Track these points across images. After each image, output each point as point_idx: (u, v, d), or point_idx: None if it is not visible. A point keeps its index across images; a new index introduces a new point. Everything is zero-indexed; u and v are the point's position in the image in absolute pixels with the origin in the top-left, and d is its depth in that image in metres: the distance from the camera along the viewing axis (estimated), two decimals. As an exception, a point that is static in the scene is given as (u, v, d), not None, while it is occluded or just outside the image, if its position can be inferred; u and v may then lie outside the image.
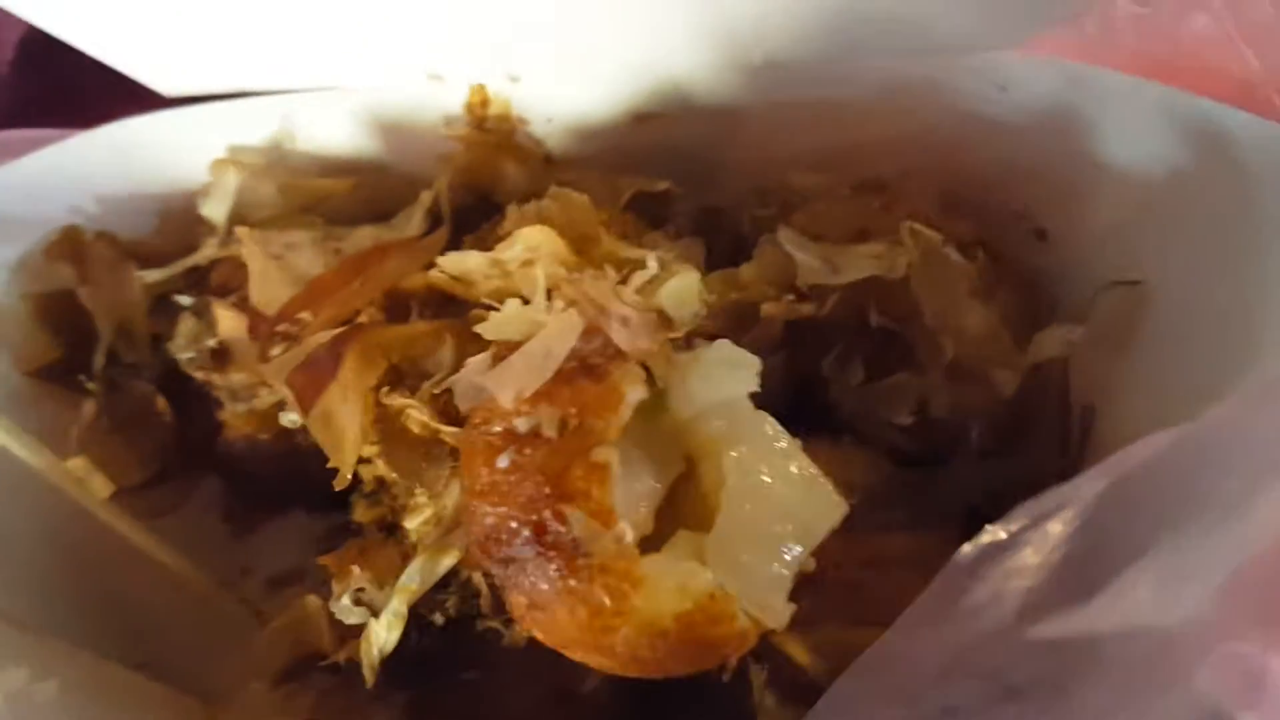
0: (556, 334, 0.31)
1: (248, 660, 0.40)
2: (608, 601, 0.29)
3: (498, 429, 0.31)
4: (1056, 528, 0.27)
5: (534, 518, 0.29)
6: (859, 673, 0.29)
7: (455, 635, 0.38)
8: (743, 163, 0.47)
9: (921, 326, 0.39)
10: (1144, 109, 0.40)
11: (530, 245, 0.37)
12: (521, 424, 0.30)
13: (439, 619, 0.38)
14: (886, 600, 0.35)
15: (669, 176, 0.47)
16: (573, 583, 0.29)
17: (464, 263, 0.38)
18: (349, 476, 0.38)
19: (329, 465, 0.38)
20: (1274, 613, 0.24)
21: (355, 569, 0.37)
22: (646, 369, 0.32)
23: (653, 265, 0.34)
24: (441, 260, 0.38)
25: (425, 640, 0.38)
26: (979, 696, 0.27)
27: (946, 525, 0.39)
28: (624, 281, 0.34)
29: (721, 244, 0.47)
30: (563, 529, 0.29)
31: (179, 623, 0.45)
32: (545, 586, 0.30)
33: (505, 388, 0.31)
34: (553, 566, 0.29)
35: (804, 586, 0.33)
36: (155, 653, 0.45)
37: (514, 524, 0.30)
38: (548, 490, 0.29)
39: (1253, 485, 0.25)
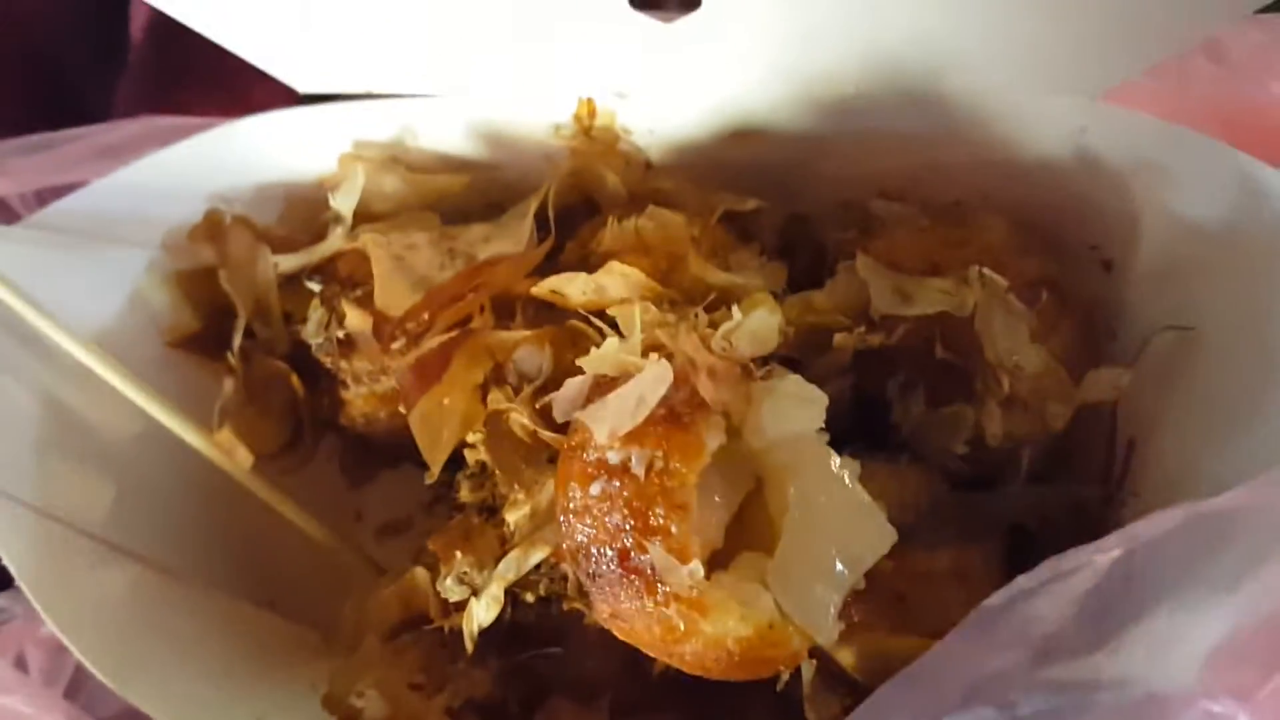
0: (650, 383, 0.35)
1: (364, 616, 0.46)
2: (680, 624, 0.34)
3: (592, 457, 0.35)
4: (1075, 584, 0.31)
5: (619, 544, 0.34)
6: (895, 689, 0.33)
7: (544, 611, 0.44)
8: (830, 180, 0.50)
9: (982, 361, 0.42)
10: (1209, 166, 0.42)
11: (624, 278, 0.41)
12: (613, 456, 0.35)
13: (530, 597, 0.43)
14: (929, 610, 0.40)
15: (759, 189, 0.50)
16: (649, 604, 0.34)
17: (567, 285, 0.43)
18: (437, 473, 0.44)
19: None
20: (1245, 683, 0.27)
21: (458, 554, 0.42)
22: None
23: (737, 315, 0.38)
24: (548, 281, 0.43)
25: (518, 614, 0.44)
26: (993, 722, 0.31)
27: (991, 542, 0.43)
28: (713, 325, 0.38)
29: (805, 253, 0.51)
30: (644, 558, 0.34)
31: (302, 569, 0.51)
32: (626, 603, 0.34)
33: (601, 425, 0.35)
34: (633, 588, 0.34)
35: (854, 597, 0.37)
36: (281, 594, 0.52)
37: (602, 546, 0.34)
38: (633, 523, 0.34)
39: (1243, 568, 0.29)
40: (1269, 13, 0.42)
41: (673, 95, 0.49)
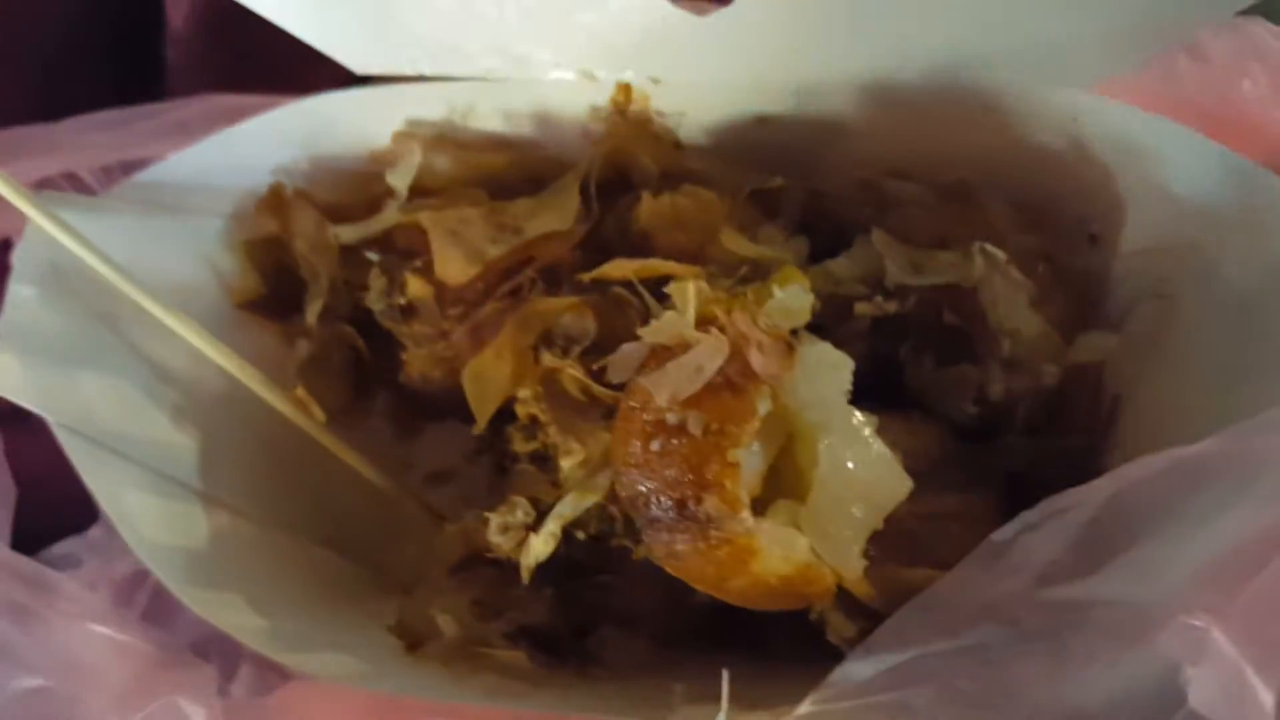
0: (707, 354, 0.39)
1: (429, 554, 0.51)
2: (730, 564, 0.39)
3: (651, 417, 0.40)
4: (1072, 519, 0.37)
5: (677, 495, 0.39)
6: (913, 610, 0.38)
7: (594, 547, 0.49)
8: (847, 161, 0.55)
9: (985, 327, 0.47)
10: (1189, 154, 0.47)
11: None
12: (671, 418, 0.39)
13: (582, 535, 0.48)
14: (937, 546, 0.45)
15: (781, 168, 0.55)
16: (703, 546, 0.39)
17: (617, 269, 0.48)
18: (484, 425, 0.50)
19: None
20: (1218, 601, 0.33)
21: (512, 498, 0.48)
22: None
23: (778, 294, 0.42)
24: (597, 270, 0.48)
25: (570, 549, 0.49)
26: (1001, 637, 0.36)
27: (992, 488, 0.48)
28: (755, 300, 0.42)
29: (824, 229, 0.56)
30: (700, 508, 0.38)
31: (365, 516, 0.56)
32: (681, 546, 0.39)
33: (662, 390, 0.39)
34: (689, 534, 0.39)
35: (871, 536, 0.43)
36: (346, 538, 0.56)
37: (660, 497, 0.39)
38: (690, 477, 0.38)
39: (1216, 507, 0.34)
40: (1244, 16, 0.47)
41: (704, 81, 0.53)
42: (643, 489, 0.40)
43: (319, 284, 0.55)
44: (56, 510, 0.52)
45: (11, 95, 0.72)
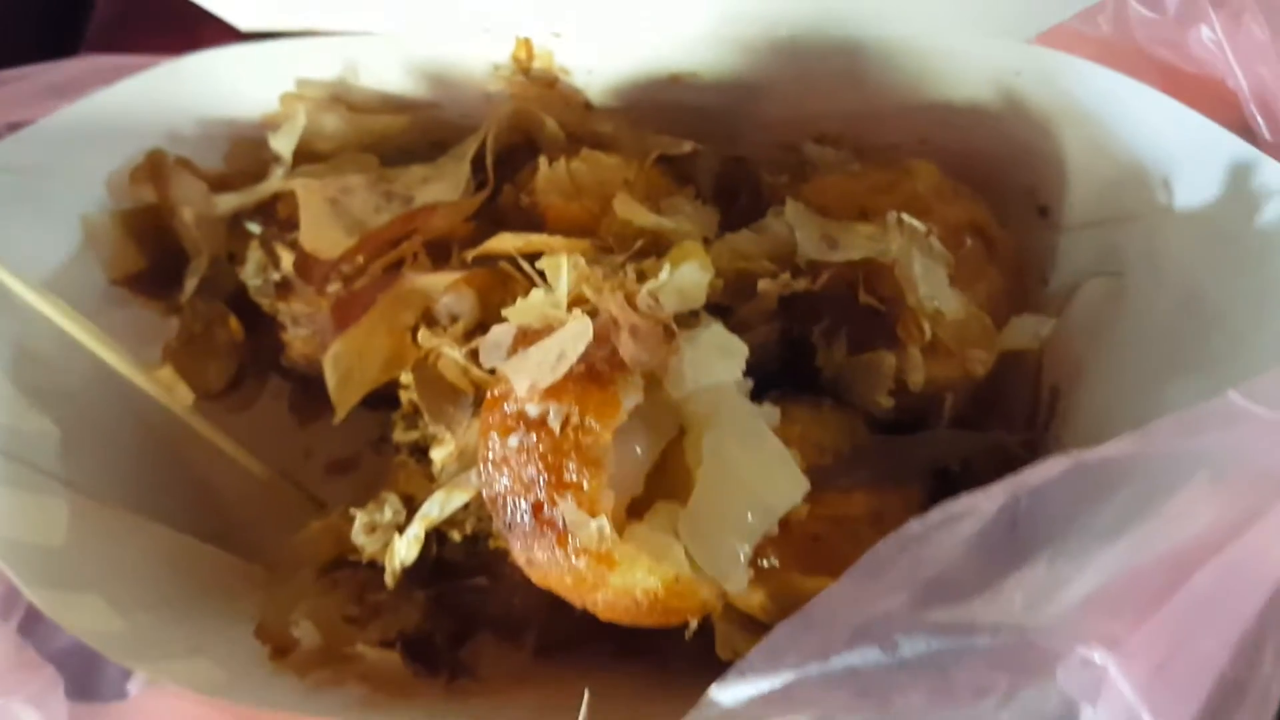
0: (570, 338, 0.35)
1: (296, 550, 0.47)
2: (588, 575, 0.35)
3: (512, 409, 0.35)
4: (961, 529, 0.32)
5: (534, 497, 0.35)
6: (789, 628, 0.34)
7: (470, 548, 0.45)
8: (767, 123, 0.50)
9: (905, 307, 0.42)
10: (1140, 111, 0.42)
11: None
12: (532, 409, 0.35)
13: (457, 536, 0.44)
14: (844, 552, 0.40)
15: (699, 131, 0.50)
16: (560, 556, 0.35)
17: (500, 244, 0.43)
18: (342, 415, 0.46)
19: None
20: (1116, 630, 0.28)
21: (383, 494, 0.43)
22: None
23: (665, 273, 0.38)
24: (482, 246, 0.44)
25: (445, 550, 0.45)
26: (877, 662, 0.32)
27: (911, 486, 0.43)
28: (642, 276, 0.38)
29: (745, 196, 0.51)
30: (556, 511, 0.34)
31: (246, 505, 0.52)
32: (539, 553, 0.35)
33: (521, 378, 0.35)
34: (546, 540, 0.35)
35: (768, 540, 0.38)
36: (229, 530, 0.52)
37: (518, 498, 0.35)
38: (547, 476, 0.34)
39: (1123, 518, 0.29)
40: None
41: (609, 36, 0.48)
42: (501, 489, 0.36)
43: (201, 258, 0.50)
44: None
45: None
